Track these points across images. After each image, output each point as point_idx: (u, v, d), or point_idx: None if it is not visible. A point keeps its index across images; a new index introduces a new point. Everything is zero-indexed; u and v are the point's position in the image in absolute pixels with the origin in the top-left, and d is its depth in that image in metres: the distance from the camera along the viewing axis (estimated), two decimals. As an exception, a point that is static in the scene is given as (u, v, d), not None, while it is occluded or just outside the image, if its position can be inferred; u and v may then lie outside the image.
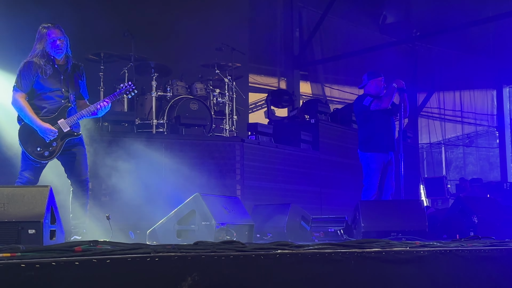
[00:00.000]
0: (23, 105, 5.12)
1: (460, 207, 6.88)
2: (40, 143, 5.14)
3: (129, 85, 5.68)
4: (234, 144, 8.57)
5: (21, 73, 5.15)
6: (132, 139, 7.89)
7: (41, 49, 5.18)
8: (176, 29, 10.04)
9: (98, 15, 8.75)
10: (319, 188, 10.05)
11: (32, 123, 5.11)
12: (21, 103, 5.12)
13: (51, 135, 5.14)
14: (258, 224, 6.63)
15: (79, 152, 5.37)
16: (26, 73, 5.13)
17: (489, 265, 3.63)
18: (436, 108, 17.13)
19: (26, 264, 2.34)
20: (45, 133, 5.12)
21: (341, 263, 3.08)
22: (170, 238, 5.49)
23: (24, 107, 5.12)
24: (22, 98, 5.15)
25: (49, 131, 5.12)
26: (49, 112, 5.21)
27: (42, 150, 5.15)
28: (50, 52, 5.19)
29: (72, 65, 5.36)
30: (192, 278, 2.64)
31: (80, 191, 5.36)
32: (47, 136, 5.13)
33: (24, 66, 5.16)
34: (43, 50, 5.18)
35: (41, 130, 5.11)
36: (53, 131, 5.14)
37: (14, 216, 4.03)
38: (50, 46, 5.18)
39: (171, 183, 7.64)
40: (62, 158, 5.32)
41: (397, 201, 6.87)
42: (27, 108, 5.12)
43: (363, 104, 7.12)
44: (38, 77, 5.14)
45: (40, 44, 5.20)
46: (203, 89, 9.20)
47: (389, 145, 7.13)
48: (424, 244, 3.83)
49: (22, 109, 5.12)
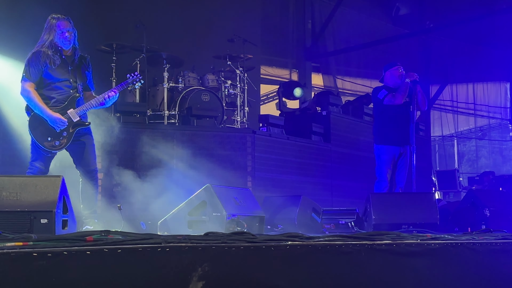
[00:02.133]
0: (32, 95, 5.13)
1: (472, 200, 6.84)
2: (51, 133, 5.17)
3: (136, 75, 5.71)
4: (245, 135, 8.57)
5: (30, 62, 5.16)
6: (143, 130, 7.91)
7: (50, 39, 5.20)
8: (188, 20, 10.04)
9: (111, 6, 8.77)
10: (330, 180, 10.04)
11: (42, 113, 5.13)
12: (31, 93, 5.13)
13: (61, 125, 5.17)
14: (269, 215, 6.64)
15: (87, 142, 5.39)
16: (34, 63, 5.15)
17: (501, 258, 3.61)
18: (449, 101, 17.02)
19: (38, 253, 2.36)
20: (55, 123, 5.14)
21: (351, 255, 3.08)
22: (181, 229, 5.51)
23: (34, 97, 5.13)
24: (31, 87, 5.15)
25: (59, 120, 5.14)
26: (58, 102, 5.24)
27: (53, 140, 5.17)
28: (58, 43, 5.21)
29: (79, 56, 5.39)
30: (202, 269, 2.65)
31: (89, 181, 5.39)
32: (57, 125, 5.15)
33: (33, 55, 5.18)
34: (51, 41, 5.20)
35: (51, 120, 5.13)
36: (63, 121, 5.16)
37: (27, 206, 4.06)
38: (58, 37, 5.20)
39: (182, 174, 7.66)
40: (71, 148, 5.34)
41: (409, 193, 6.84)
42: (37, 98, 5.13)
43: (377, 97, 7.09)
44: (47, 67, 5.16)
45: (49, 34, 5.21)
46: (214, 81, 9.19)
47: (403, 139, 7.05)
48: (435, 236, 3.81)
49: (32, 99, 5.14)
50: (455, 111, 17.25)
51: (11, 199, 4.07)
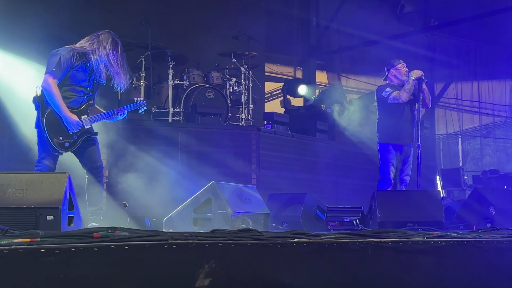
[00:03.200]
0: (54, 92, 5.09)
1: (477, 198, 6.83)
2: (63, 132, 5.18)
3: (143, 102, 5.91)
4: (250, 133, 8.58)
5: (61, 59, 5.12)
6: (148, 127, 7.92)
7: (90, 49, 5.22)
8: (193, 17, 10.04)
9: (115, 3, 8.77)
10: (335, 177, 10.03)
11: (60, 112, 5.12)
12: (53, 89, 5.09)
13: (75, 128, 5.19)
14: (274, 213, 6.63)
15: (92, 143, 5.41)
16: (67, 61, 5.14)
17: (507, 256, 3.60)
18: (453, 99, 16.97)
19: (45, 249, 2.36)
20: (71, 124, 5.15)
21: (358, 252, 3.08)
22: (186, 226, 5.52)
23: (56, 94, 5.09)
24: (54, 84, 5.12)
25: (76, 123, 5.17)
26: (74, 104, 5.26)
27: (63, 140, 5.19)
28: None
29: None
30: (209, 266, 2.65)
31: (95, 178, 5.40)
32: (71, 127, 5.17)
33: (68, 53, 5.15)
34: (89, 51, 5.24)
35: (68, 120, 5.14)
36: (79, 124, 5.20)
37: (33, 202, 4.06)
38: (101, 57, 5.23)
39: (187, 171, 7.67)
40: (77, 151, 5.37)
41: (414, 191, 6.82)
42: (58, 95, 5.11)
43: (382, 95, 7.07)
44: (74, 69, 5.17)
45: (93, 45, 5.23)
46: (219, 78, 9.20)
47: (407, 137, 7.05)
48: (441, 234, 3.80)
49: (54, 95, 5.09)
50: (459, 109, 17.21)
51: (17, 195, 4.08)
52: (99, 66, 5.25)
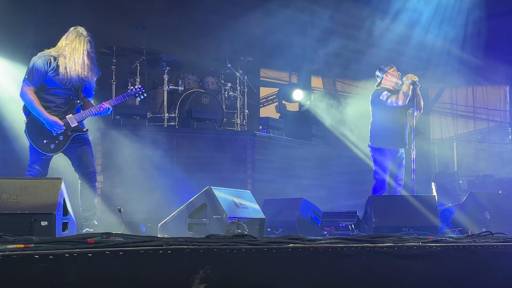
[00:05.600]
0: (31, 98, 5.14)
1: (472, 203, 6.84)
2: (47, 135, 5.18)
3: (139, 88, 5.79)
4: (245, 138, 8.57)
5: (35, 66, 5.15)
6: (143, 133, 7.91)
7: (62, 50, 5.20)
8: (188, 23, 10.05)
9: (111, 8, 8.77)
10: (330, 182, 10.03)
11: (40, 116, 5.13)
12: (29, 96, 5.13)
13: (58, 129, 5.18)
14: (269, 218, 6.62)
15: (85, 146, 5.39)
16: (40, 67, 5.13)
17: (502, 261, 3.60)
18: (448, 104, 17.01)
19: (40, 255, 2.35)
20: (52, 126, 5.15)
21: (353, 257, 3.07)
22: (181, 232, 5.50)
23: (32, 100, 5.13)
24: (31, 91, 5.16)
25: (55, 124, 5.15)
26: (58, 107, 5.25)
27: (48, 142, 5.19)
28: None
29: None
30: (204, 271, 2.64)
31: (88, 184, 5.38)
32: (53, 129, 5.16)
33: (40, 59, 5.16)
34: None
35: (48, 122, 5.14)
36: (60, 125, 5.17)
37: (27, 208, 4.04)
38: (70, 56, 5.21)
39: (182, 177, 7.65)
40: (69, 152, 5.35)
41: (409, 196, 6.82)
42: (35, 101, 5.14)
43: (380, 98, 7.04)
44: (50, 73, 5.15)
45: (63, 45, 5.21)
46: (214, 83, 9.20)
47: (400, 142, 7.08)
48: (436, 239, 3.80)
49: (30, 102, 5.14)
50: (454, 114, 17.25)
51: (12, 201, 4.06)
52: (71, 65, 5.20)
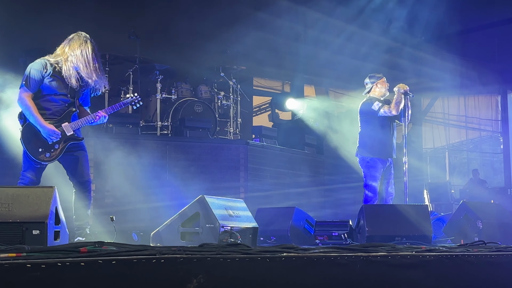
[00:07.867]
0: (29, 104, 5.09)
1: (464, 212, 6.86)
2: (43, 144, 5.13)
3: (136, 97, 5.80)
4: (238, 146, 8.57)
5: (31, 72, 5.13)
6: (136, 141, 7.89)
7: (62, 55, 5.19)
8: (181, 31, 10.04)
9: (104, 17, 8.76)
10: (323, 191, 10.03)
11: (37, 123, 5.09)
12: (27, 102, 5.09)
13: (54, 137, 5.14)
14: (262, 227, 6.60)
15: (81, 155, 5.35)
16: (37, 73, 5.11)
17: (495, 270, 3.61)
18: (440, 113, 17.09)
19: (32, 264, 2.33)
20: (49, 135, 5.11)
21: (346, 267, 3.07)
22: (174, 240, 5.47)
23: (30, 107, 5.09)
24: (29, 97, 5.12)
25: (53, 132, 5.11)
26: (54, 115, 5.21)
27: (44, 151, 5.14)
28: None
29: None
30: (197, 280, 2.63)
31: (82, 193, 5.35)
32: (50, 137, 5.12)
33: (37, 64, 5.14)
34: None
35: (45, 131, 5.10)
36: (57, 133, 5.13)
37: (19, 217, 4.01)
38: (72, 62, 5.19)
39: (175, 185, 7.63)
40: (64, 161, 5.31)
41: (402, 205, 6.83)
42: (33, 108, 5.09)
43: (371, 108, 7.01)
44: (47, 78, 5.13)
45: (64, 51, 5.19)
46: (207, 92, 9.21)
47: (389, 151, 7.10)
48: (430, 248, 3.81)
49: (28, 109, 5.10)
50: (446, 124, 17.33)
51: (3, 210, 4.03)
52: (71, 71, 5.18)
